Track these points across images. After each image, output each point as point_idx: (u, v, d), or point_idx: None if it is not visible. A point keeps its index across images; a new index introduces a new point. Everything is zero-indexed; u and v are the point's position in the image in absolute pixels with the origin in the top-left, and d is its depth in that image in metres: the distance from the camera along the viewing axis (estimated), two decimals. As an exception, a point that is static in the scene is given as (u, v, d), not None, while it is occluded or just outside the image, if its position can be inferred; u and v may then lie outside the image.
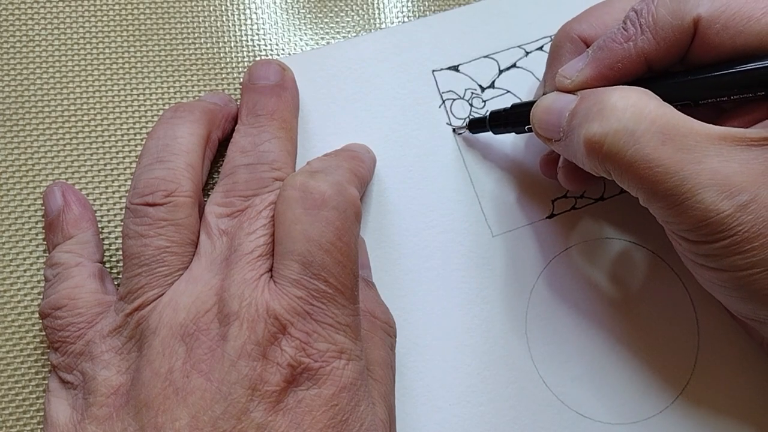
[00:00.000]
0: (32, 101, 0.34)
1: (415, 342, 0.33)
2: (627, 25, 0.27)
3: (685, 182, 0.24)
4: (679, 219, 0.25)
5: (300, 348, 0.25)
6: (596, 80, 0.27)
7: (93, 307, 0.29)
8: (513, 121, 0.32)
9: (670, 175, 0.24)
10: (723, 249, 0.25)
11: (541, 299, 0.33)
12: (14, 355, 0.31)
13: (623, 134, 0.25)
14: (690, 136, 0.24)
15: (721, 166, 0.24)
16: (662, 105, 0.25)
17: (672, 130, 0.24)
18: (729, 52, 0.26)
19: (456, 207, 0.34)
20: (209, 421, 0.24)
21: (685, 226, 0.25)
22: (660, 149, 0.24)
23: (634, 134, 0.25)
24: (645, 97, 0.25)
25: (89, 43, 0.35)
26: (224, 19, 0.36)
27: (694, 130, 0.24)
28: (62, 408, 0.27)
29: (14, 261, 0.32)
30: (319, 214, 0.26)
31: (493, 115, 0.32)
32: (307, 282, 0.26)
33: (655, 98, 0.25)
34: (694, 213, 0.24)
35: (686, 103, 0.27)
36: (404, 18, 0.37)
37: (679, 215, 0.25)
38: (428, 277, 0.33)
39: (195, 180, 0.29)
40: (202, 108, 0.31)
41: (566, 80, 0.28)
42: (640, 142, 0.25)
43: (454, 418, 0.32)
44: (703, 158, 0.24)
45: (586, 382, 0.33)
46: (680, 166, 0.24)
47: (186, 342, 0.26)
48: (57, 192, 0.32)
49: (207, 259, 0.28)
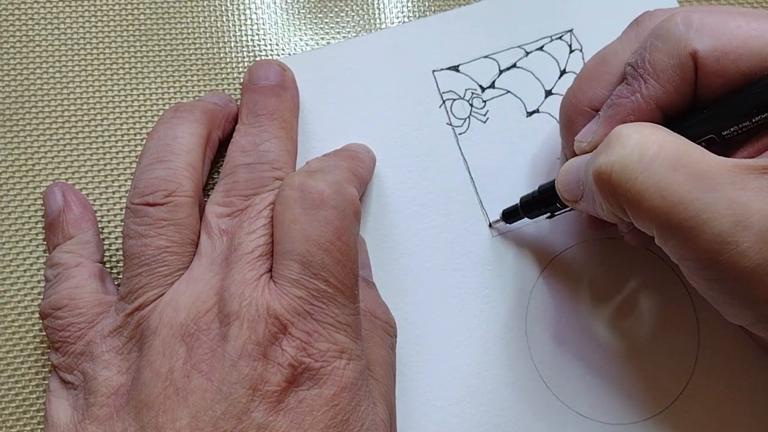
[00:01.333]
0: (32, 101, 0.34)
1: (415, 342, 0.33)
2: (629, 80, 0.27)
3: (701, 212, 0.23)
4: (695, 254, 0.24)
5: (301, 348, 0.25)
6: None
7: (94, 307, 0.29)
8: (543, 201, 0.31)
9: (684, 204, 0.23)
10: (744, 284, 0.23)
11: (541, 299, 0.33)
12: (14, 355, 0.31)
13: (630, 161, 0.24)
14: (702, 163, 0.23)
15: (736, 195, 0.22)
16: (671, 134, 0.24)
17: (683, 157, 0.23)
18: (737, 78, 0.25)
19: (456, 207, 0.34)
20: (210, 421, 0.24)
21: (703, 262, 0.24)
22: (671, 176, 0.23)
23: (641, 161, 0.24)
24: (652, 127, 0.25)
25: (89, 43, 0.35)
26: (224, 19, 0.36)
27: (705, 158, 0.23)
28: (63, 408, 0.27)
29: (14, 261, 0.32)
30: (318, 213, 0.26)
31: (524, 202, 0.32)
32: (307, 282, 0.26)
33: (664, 129, 0.25)
34: (711, 247, 0.23)
35: (710, 137, 0.26)
36: (404, 18, 0.37)
37: (695, 250, 0.23)
38: (428, 277, 0.33)
39: (195, 180, 0.29)
40: (203, 108, 0.31)
41: (583, 143, 0.28)
42: (649, 170, 0.23)
43: (454, 418, 0.32)
44: (718, 186, 0.23)
45: (586, 382, 0.33)
46: (694, 195, 0.23)
47: (186, 342, 0.26)
48: (57, 192, 0.32)
49: (207, 259, 0.28)
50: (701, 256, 0.23)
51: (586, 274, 0.34)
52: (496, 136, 0.35)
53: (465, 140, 0.35)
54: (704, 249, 0.23)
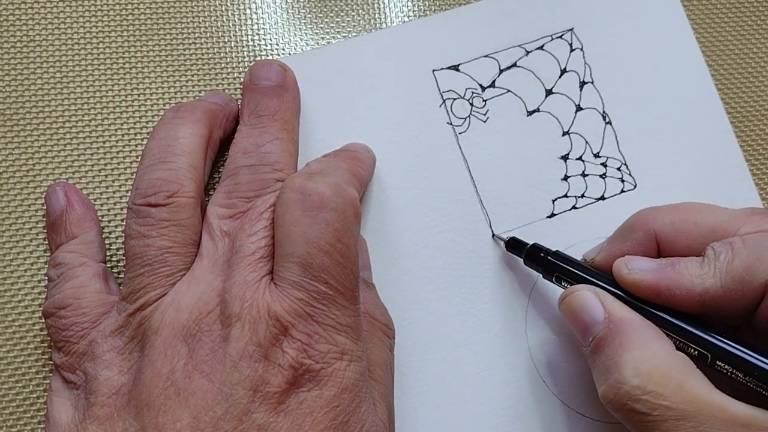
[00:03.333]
0: (32, 101, 0.34)
1: (415, 342, 0.33)
2: (703, 261, 0.27)
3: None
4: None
5: (301, 349, 0.25)
6: (650, 290, 0.27)
7: (97, 307, 0.29)
8: (548, 268, 0.31)
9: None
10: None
11: (541, 299, 0.33)
12: (15, 354, 0.32)
13: (636, 414, 0.25)
14: (707, 423, 0.24)
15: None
16: (682, 386, 0.25)
17: (688, 416, 0.24)
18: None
19: (456, 207, 0.34)
20: (210, 421, 0.24)
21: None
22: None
23: (647, 416, 0.24)
24: (665, 374, 0.25)
25: (89, 43, 0.35)
26: (224, 19, 0.36)
27: (712, 415, 0.24)
28: (64, 408, 0.28)
29: (15, 261, 0.32)
30: (318, 215, 0.26)
31: (532, 250, 0.32)
32: (307, 284, 0.26)
33: (676, 370, 0.25)
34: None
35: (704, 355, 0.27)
36: (404, 18, 0.37)
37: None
38: (428, 277, 0.33)
39: (197, 180, 0.29)
40: (204, 108, 0.31)
41: (625, 269, 0.28)
42: (654, 424, 0.24)
43: (454, 418, 0.32)
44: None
45: (586, 382, 0.33)
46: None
47: (188, 343, 0.26)
48: (59, 192, 0.32)
49: (209, 260, 0.28)
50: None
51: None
52: (497, 135, 0.35)
53: (465, 140, 0.35)
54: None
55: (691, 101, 0.36)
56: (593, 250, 0.31)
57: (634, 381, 0.25)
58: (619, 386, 0.25)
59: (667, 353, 0.26)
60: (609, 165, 0.35)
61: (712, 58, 0.38)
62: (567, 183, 0.35)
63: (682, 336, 0.27)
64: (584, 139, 0.36)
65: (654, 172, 0.35)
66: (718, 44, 0.38)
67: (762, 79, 0.38)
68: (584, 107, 0.36)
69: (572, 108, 0.36)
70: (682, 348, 0.27)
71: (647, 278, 0.27)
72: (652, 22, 0.37)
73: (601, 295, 0.28)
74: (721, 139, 0.36)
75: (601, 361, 0.26)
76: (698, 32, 0.38)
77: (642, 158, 0.36)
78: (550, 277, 0.31)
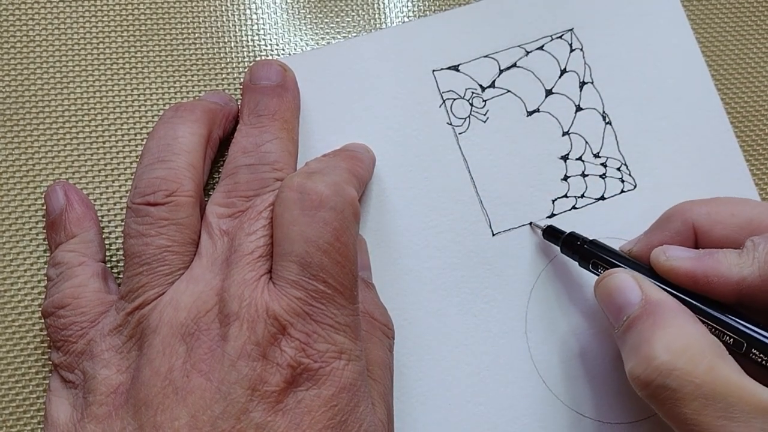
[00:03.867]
0: (32, 101, 0.34)
1: (415, 341, 0.33)
2: (742, 251, 0.27)
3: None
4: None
5: (300, 348, 0.25)
6: (688, 277, 0.27)
7: (96, 306, 0.29)
8: (585, 255, 0.31)
9: None
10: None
11: (541, 299, 0.33)
12: (15, 354, 0.32)
13: (664, 390, 0.25)
14: (737, 406, 0.23)
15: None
16: (713, 367, 0.24)
17: (717, 397, 0.24)
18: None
19: (456, 207, 0.34)
20: (208, 420, 0.24)
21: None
22: (701, 413, 0.24)
23: (675, 393, 0.24)
24: (697, 354, 0.25)
25: (89, 44, 0.35)
26: (224, 19, 0.36)
27: (743, 398, 0.24)
28: (63, 407, 0.28)
29: (14, 261, 0.32)
30: (317, 215, 0.26)
31: (569, 238, 0.32)
32: (306, 283, 0.26)
33: (709, 352, 0.25)
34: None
35: (739, 342, 0.26)
36: (404, 18, 0.37)
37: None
38: (428, 277, 0.33)
39: (196, 180, 0.29)
40: (203, 107, 0.31)
41: (663, 256, 0.28)
42: (680, 402, 0.24)
43: (454, 418, 0.32)
44: (746, 428, 0.23)
45: (586, 382, 0.33)
46: (720, 431, 0.23)
47: (186, 341, 0.26)
48: (59, 191, 0.32)
49: (208, 259, 0.28)
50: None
51: (586, 274, 0.34)
52: (496, 135, 0.35)
53: (465, 140, 0.35)
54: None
55: (691, 101, 0.36)
56: (630, 242, 0.31)
57: (665, 356, 0.25)
58: (649, 361, 0.25)
59: (701, 335, 0.25)
60: (609, 165, 0.35)
61: (712, 58, 0.37)
62: (567, 183, 0.35)
63: (718, 323, 0.27)
64: (584, 140, 0.36)
65: (654, 172, 0.35)
66: (718, 44, 0.38)
67: (762, 79, 0.38)
68: (584, 107, 0.36)
69: (572, 108, 0.36)
70: (717, 335, 0.26)
71: (685, 265, 0.27)
72: (652, 22, 0.37)
73: (638, 279, 0.28)
74: (721, 139, 0.36)
75: (632, 337, 0.26)
76: (698, 32, 0.38)
77: (642, 158, 0.35)
78: (587, 264, 0.31)
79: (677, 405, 0.24)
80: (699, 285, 0.27)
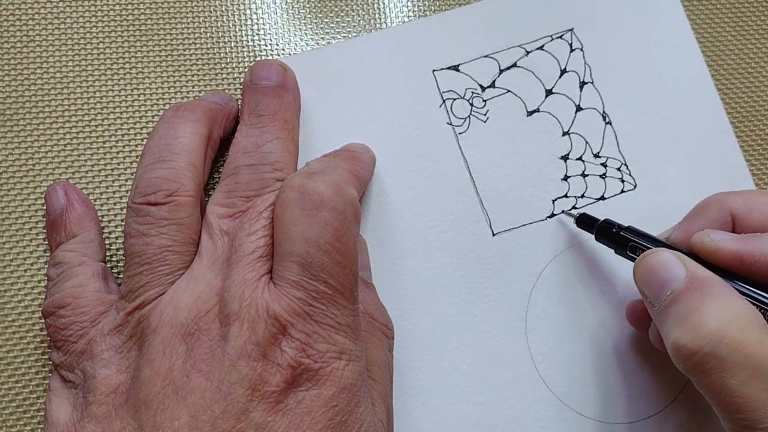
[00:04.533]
0: (32, 101, 0.34)
1: (415, 342, 0.33)
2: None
3: (766, 420, 0.23)
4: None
5: (300, 349, 0.25)
6: (734, 257, 0.27)
7: (96, 306, 0.29)
8: (621, 242, 0.31)
9: (751, 410, 0.23)
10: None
11: (541, 299, 0.33)
12: (15, 354, 0.32)
13: (712, 359, 0.24)
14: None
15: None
16: (762, 339, 0.24)
17: (765, 369, 0.23)
18: None
19: (456, 207, 0.34)
20: (208, 420, 0.24)
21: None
22: (747, 384, 0.23)
23: (723, 362, 0.24)
24: (747, 325, 0.24)
25: (89, 44, 0.35)
26: (224, 19, 0.36)
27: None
28: (63, 407, 0.28)
29: (15, 261, 0.32)
30: (317, 215, 0.26)
31: (604, 226, 0.32)
32: (306, 283, 0.26)
33: (757, 326, 0.24)
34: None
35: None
36: (404, 18, 0.37)
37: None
38: (428, 277, 0.33)
39: (197, 179, 0.29)
40: (204, 107, 0.31)
41: (707, 238, 0.28)
42: (727, 372, 0.24)
43: (454, 418, 0.32)
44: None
45: (586, 382, 0.33)
46: (765, 404, 0.23)
47: (187, 341, 0.26)
48: (59, 191, 0.32)
49: (208, 259, 0.28)
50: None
51: (586, 274, 0.34)
52: (496, 135, 0.35)
53: (465, 140, 0.35)
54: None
55: (691, 101, 0.36)
56: (667, 231, 0.31)
57: (716, 324, 0.24)
58: (698, 329, 0.24)
59: (750, 309, 0.25)
60: (609, 165, 0.35)
61: (712, 58, 0.38)
62: (567, 183, 0.35)
63: (765, 304, 0.26)
64: (584, 139, 0.36)
65: (654, 172, 0.35)
66: (718, 44, 0.38)
67: (762, 79, 0.38)
68: (584, 107, 0.36)
69: (572, 108, 0.36)
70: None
71: (731, 246, 0.27)
72: (652, 22, 0.37)
73: (681, 257, 0.27)
74: (721, 139, 0.36)
75: (678, 309, 0.26)
76: (698, 32, 0.38)
77: (642, 158, 0.35)
78: (624, 251, 0.30)
79: (723, 375, 0.24)
80: (745, 265, 0.27)
